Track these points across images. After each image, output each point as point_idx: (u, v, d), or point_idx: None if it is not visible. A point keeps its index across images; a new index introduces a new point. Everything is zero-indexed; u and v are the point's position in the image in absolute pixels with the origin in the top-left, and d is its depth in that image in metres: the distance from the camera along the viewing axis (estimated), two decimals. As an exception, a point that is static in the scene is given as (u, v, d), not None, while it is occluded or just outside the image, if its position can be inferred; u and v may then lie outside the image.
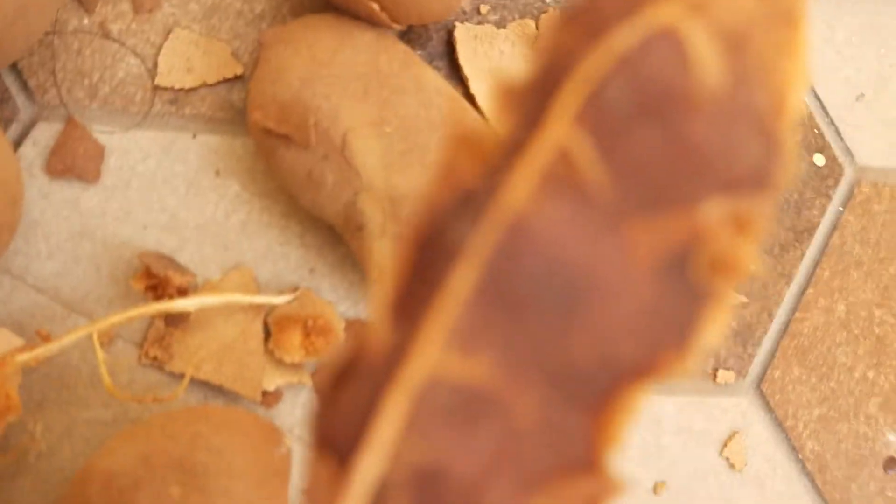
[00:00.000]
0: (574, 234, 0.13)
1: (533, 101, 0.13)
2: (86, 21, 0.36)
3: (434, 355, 0.13)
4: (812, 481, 0.40)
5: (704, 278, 0.13)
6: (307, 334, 0.36)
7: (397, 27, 0.35)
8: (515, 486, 0.13)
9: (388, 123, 0.34)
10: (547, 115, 0.13)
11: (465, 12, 0.39)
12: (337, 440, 0.14)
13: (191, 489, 0.30)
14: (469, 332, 0.13)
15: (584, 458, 0.13)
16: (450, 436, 0.13)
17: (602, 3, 0.13)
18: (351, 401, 0.14)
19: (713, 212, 0.13)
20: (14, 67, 0.36)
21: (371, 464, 0.13)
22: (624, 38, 0.13)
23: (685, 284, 0.13)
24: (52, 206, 0.35)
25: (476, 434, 0.13)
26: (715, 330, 0.14)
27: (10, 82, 0.36)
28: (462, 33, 0.38)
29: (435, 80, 0.35)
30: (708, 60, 0.13)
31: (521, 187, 0.13)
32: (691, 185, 0.13)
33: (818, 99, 0.41)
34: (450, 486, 0.13)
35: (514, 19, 0.39)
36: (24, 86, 0.36)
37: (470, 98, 0.38)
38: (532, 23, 0.39)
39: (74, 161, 0.36)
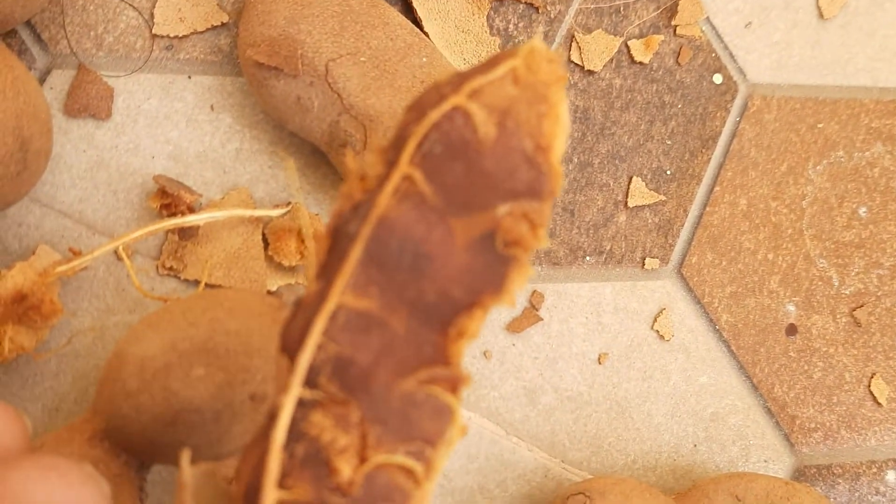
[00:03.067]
0: (417, 224, 0.22)
1: (391, 152, 0.23)
2: (88, -20, 0.41)
3: (340, 296, 0.23)
4: (728, 347, 0.48)
5: (505, 251, 0.23)
6: (301, 241, 0.42)
7: (361, -25, 0.41)
8: (393, 372, 0.23)
9: (363, 54, 0.40)
10: (398, 159, 0.22)
11: (415, -38, 0.45)
12: (289, 345, 0.23)
13: (214, 369, 0.34)
14: (360, 282, 0.23)
15: (437, 357, 0.23)
16: (351, 340, 0.23)
17: (423, 99, 0.23)
18: (296, 323, 0.23)
19: (503, 211, 0.22)
20: (28, 23, 0.41)
21: (307, 356, 0.23)
22: (435, 114, 0.22)
23: (495, 254, 0.23)
24: (71, 141, 0.41)
25: (368, 339, 0.23)
26: (520, 281, 0.23)
27: (26, 36, 0.41)
28: (413, -19, 0.45)
29: (397, 16, 0.41)
30: (483, 123, 0.22)
31: (385, 199, 0.22)
32: (487, 196, 0.22)
33: (714, 28, 0.49)
34: (353, 369, 0.22)
35: (456, -32, 0.45)
36: (38, 38, 0.41)
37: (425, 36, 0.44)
38: (472, -30, 0.45)
39: (88, 102, 0.41)
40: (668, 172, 0.48)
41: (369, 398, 0.23)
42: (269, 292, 0.41)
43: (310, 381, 0.23)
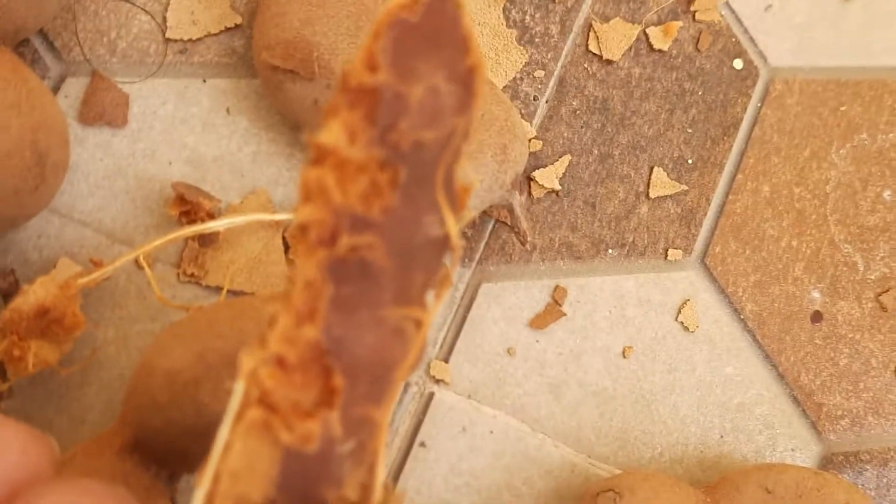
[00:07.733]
0: None
1: None
2: (99, -14, 0.41)
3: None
4: (753, 336, 0.47)
5: None
6: (321, 243, 0.41)
7: (375, -28, 0.41)
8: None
9: (379, 54, 0.39)
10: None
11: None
12: None
13: None
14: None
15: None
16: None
17: None
18: None
19: None
20: (40, 31, 0.40)
21: None
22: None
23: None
24: (87, 150, 0.40)
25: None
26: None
27: (38, 44, 0.40)
28: (427, -25, 0.44)
29: (413, 14, 0.41)
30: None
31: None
32: None
33: (733, 12, 0.48)
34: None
35: (470, -40, 0.45)
36: (51, 47, 0.40)
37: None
38: (486, -39, 0.44)
39: (103, 109, 0.40)
40: (690, 161, 0.47)
41: None
42: (291, 296, 0.41)
43: None
